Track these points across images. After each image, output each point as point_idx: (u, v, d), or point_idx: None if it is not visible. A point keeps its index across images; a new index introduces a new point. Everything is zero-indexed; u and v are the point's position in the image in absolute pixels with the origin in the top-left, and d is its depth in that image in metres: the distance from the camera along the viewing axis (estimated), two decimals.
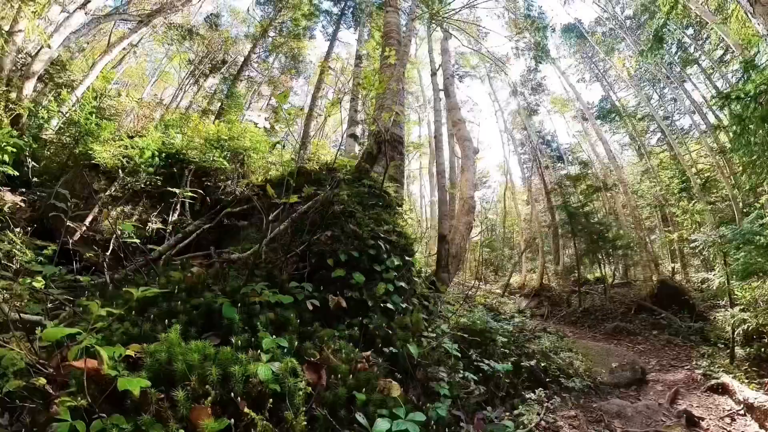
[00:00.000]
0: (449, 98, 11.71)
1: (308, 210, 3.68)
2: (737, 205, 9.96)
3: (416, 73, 21.59)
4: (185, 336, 2.10)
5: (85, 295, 2.70)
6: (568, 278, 14.37)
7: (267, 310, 2.61)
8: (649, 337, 8.08)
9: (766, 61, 4.01)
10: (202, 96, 16.70)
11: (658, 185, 15.60)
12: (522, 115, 22.36)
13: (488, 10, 15.28)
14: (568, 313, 10.84)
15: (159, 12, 10.70)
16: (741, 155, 4.48)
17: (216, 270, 3.16)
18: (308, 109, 15.09)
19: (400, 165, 6.50)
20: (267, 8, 16.55)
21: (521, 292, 15.39)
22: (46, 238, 3.54)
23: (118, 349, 1.67)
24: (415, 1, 10.67)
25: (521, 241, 23.34)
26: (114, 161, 4.53)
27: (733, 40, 8.09)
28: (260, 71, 17.38)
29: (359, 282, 3.23)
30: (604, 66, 21.35)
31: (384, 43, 8.34)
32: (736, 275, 5.34)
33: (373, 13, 14.88)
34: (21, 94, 6.32)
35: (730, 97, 4.35)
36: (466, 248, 9.83)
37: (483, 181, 29.46)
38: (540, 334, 6.45)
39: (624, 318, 9.50)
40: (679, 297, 9.34)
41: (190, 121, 6.48)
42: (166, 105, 15.36)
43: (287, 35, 16.61)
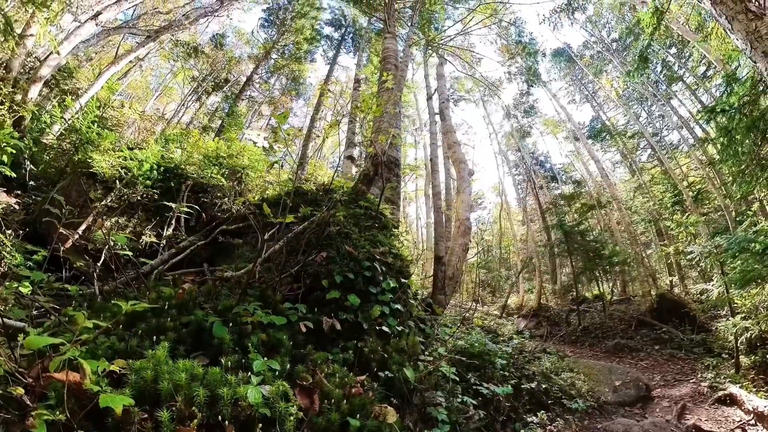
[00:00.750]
0: (445, 121, 12.02)
1: (304, 230, 3.67)
2: (730, 214, 10.10)
3: (413, 97, 22.16)
4: (173, 354, 2.03)
5: (72, 305, 2.63)
6: (567, 297, 14.26)
7: (259, 331, 2.54)
8: (651, 353, 7.94)
9: (747, 74, 4.18)
10: (203, 113, 17.03)
11: (651, 200, 15.86)
12: (515, 137, 22.86)
13: (482, 36, 15.94)
14: (567, 333, 10.68)
15: (167, 29, 11.04)
16: (730, 165, 4.60)
17: (208, 287, 3.10)
18: (307, 130, 15.32)
19: (397, 187, 6.56)
20: (270, 31, 17.17)
21: (519, 313, 15.18)
22: (38, 243, 3.46)
23: (102, 364, 1.61)
24: (413, 29, 11.11)
25: (518, 261, 23.26)
26: (112, 171, 4.52)
27: (715, 56, 8.48)
28: (261, 91, 17.79)
29: (354, 304, 3.19)
30: (593, 87, 22.16)
31: (382, 68, 8.63)
32: (735, 284, 5.36)
33: (372, 39, 15.47)
34: (26, 97, 6.37)
35: (715, 110, 4.51)
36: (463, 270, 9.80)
37: (478, 203, 29.66)
38: (540, 355, 6.34)
39: (625, 334, 9.38)
40: (679, 310, 9.27)
41: (190, 136, 6.54)
42: (167, 119, 15.55)
43: (289, 58, 17.16)
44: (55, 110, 5.81)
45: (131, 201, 4.41)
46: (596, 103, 21.98)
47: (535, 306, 14.63)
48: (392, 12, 11.00)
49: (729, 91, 4.41)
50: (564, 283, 15.48)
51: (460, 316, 8.63)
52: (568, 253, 12.47)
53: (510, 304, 16.67)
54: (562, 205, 15.64)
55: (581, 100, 23.22)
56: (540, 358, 5.96)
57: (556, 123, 24.79)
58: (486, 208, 31.80)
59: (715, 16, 3.53)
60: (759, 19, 3.14)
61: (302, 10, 15.94)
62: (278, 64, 17.29)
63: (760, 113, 3.81)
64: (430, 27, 13.48)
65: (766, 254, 4.43)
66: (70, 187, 4.31)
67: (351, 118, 13.02)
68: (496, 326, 10.40)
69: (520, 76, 16.35)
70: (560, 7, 11.35)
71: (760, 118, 3.79)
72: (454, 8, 14.29)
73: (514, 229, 26.68)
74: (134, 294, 2.89)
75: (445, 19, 14.50)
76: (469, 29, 14.41)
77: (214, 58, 15.80)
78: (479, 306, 17.56)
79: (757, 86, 4.01)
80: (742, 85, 4.20)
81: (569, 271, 13.81)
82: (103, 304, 2.64)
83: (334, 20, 17.74)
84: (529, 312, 14.21)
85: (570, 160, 25.34)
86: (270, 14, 16.83)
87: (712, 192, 12.25)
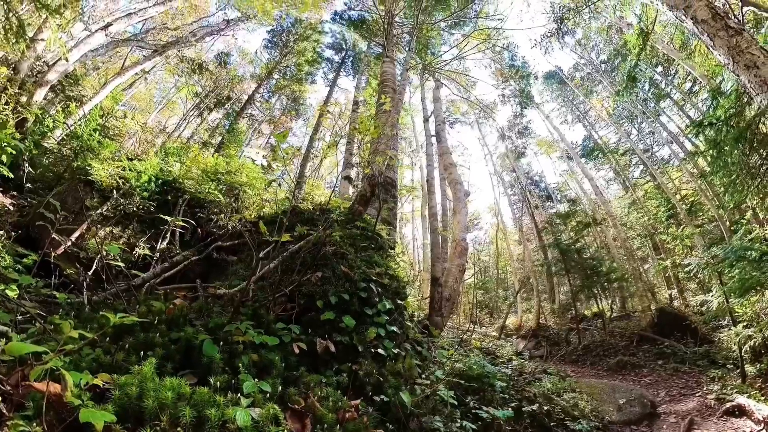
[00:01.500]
0: (441, 143, 12.23)
1: (300, 249, 3.64)
2: (724, 224, 10.16)
3: (410, 119, 22.60)
4: (160, 371, 1.94)
5: (59, 313, 2.54)
6: (566, 316, 14.10)
7: (250, 351, 2.47)
8: (654, 368, 7.79)
9: (731, 87, 4.33)
10: (204, 128, 17.24)
11: (645, 215, 15.97)
12: (510, 158, 23.23)
13: (476, 61, 16.52)
14: (568, 352, 10.49)
15: (174, 44, 11.35)
16: (720, 176, 4.67)
17: (200, 304, 3.04)
18: (305, 150, 15.49)
19: (393, 208, 6.59)
20: (273, 52, 17.66)
21: (518, 334, 14.95)
22: (29, 246, 3.40)
23: (85, 377, 1.53)
24: (410, 53, 11.49)
25: (515, 281, 23.14)
26: (110, 180, 4.51)
27: (699, 72, 8.81)
28: (262, 110, 18.12)
29: (349, 326, 3.13)
30: (584, 107, 22.81)
31: (380, 91, 8.86)
32: (734, 292, 5.37)
33: (371, 62, 15.96)
34: (31, 100, 6.42)
35: (703, 124, 4.63)
36: (460, 291, 9.71)
37: (475, 223, 29.79)
38: (540, 376, 6.20)
39: (626, 351, 9.23)
40: (680, 323, 9.20)
41: (190, 151, 6.58)
42: (168, 133, 15.73)
43: (290, 78, 17.62)
44: (59, 115, 5.86)
45: (127, 212, 4.37)
46: (588, 122, 22.57)
47: (533, 326, 14.44)
48: (391, 37, 11.42)
49: (715, 104, 4.56)
50: (562, 302, 15.36)
51: (457, 338, 8.49)
52: (565, 271, 12.44)
53: (508, 325, 16.44)
54: (558, 224, 15.72)
55: (573, 120, 23.84)
56: (541, 379, 5.82)
57: (550, 143, 25.30)
58: (482, 228, 31.96)
59: (698, 34, 3.70)
60: (739, 34, 3.29)
61: (305, 33, 16.51)
62: (279, 85, 17.72)
63: (746, 124, 3.94)
64: (426, 52, 13.97)
65: (763, 261, 4.47)
66: (66, 193, 4.28)
67: (349, 139, 13.23)
68: (495, 348, 10.22)
69: (513, 98, 16.78)
70: (551, 31, 11.81)
71: (746, 129, 3.91)
72: (450, 34, 14.88)
73: (511, 249, 26.67)
74: (124, 306, 2.82)
75: (441, 44, 15.07)
76: (464, 54, 14.95)
77: (217, 76, 16.16)
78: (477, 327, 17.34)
79: (742, 98, 4.15)
80: (727, 98, 4.35)
81: (567, 289, 13.72)
82: (91, 315, 2.57)
83: (335, 44, 18.32)
84: (528, 332, 14.01)
85: (564, 179, 25.70)
86: (273, 36, 17.37)
87: (705, 203, 12.38)
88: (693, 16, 3.69)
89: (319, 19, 16.86)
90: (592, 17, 10.58)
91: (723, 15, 3.48)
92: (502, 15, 13.75)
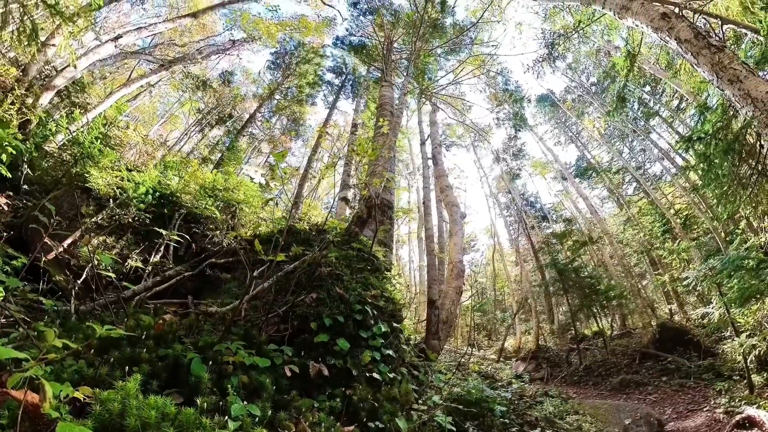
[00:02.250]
0: (437, 166, 12.43)
1: (295, 270, 3.61)
2: (719, 235, 10.21)
3: (407, 142, 23.03)
4: (145, 389, 1.86)
5: (45, 320, 2.45)
6: (565, 336, 13.88)
7: (240, 372, 2.39)
8: (659, 385, 7.62)
9: (717, 102, 4.51)
10: (204, 144, 17.41)
11: (641, 231, 16.07)
12: (505, 180, 23.55)
13: (471, 85, 17.09)
14: (569, 373, 10.25)
15: (180, 60, 11.67)
16: (712, 189, 4.73)
17: (190, 321, 2.96)
18: (303, 170, 15.64)
19: (390, 229, 6.60)
20: (276, 73, 18.15)
21: (517, 356, 14.62)
22: (20, 248, 3.30)
23: (66, 388, 1.45)
24: (408, 78, 11.86)
25: (513, 302, 22.89)
26: (107, 189, 4.47)
27: (686, 89, 9.13)
28: (263, 129, 18.41)
29: (343, 349, 3.05)
30: (576, 128, 23.41)
31: (378, 114, 9.07)
32: (734, 303, 5.39)
33: (370, 86, 16.44)
34: (37, 102, 6.47)
35: (692, 138, 4.74)
36: (457, 313, 9.59)
37: (471, 245, 29.74)
38: (542, 399, 6.03)
39: (629, 369, 9.07)
40: (682, 337, 9.10)
41: (189, 166, 6.59)
42: (169, 146, 15.85)
43: (291, 100, 18.05)
44: (62, 120, 5.86)
45: (122, 222, 4.32)
46: (580, 143, 23.10)
47: (533, 348, 14.16)
48: (389, 62, 11.83)
49: (703, 119, 4.72)
50: (562, 322, 15.15)
51: (455, 362, 8.32)
52: (563, 291, 12.34)
53: (507, 347, 16.14)
54: (555, 244, 15.75)
55: (566, 142, 24.41)
56: (542, 402, 5.67)
57: (544, 164, 25.75)
58: (479, 250, 31.91)
59: (682, 53, 3.87)
60: (721, 51, 3.44)
61: (307, 56, 17.06)
62: (281, 105, 18.11)
63: (734, 136, 4.05)
64: (424, 77, 14.44)
65: (760, 269, 4.49)
66: (62, 198, 4.24)
67: (347, 161, 13.39)
68: (494, 371, 9.99)
69: (507, 121, 17.24)
70: (542, 57, 12.34)
71: (734, 141, 4.02)
72: (446, 60, 15.44)
73: (508, 270, 26.55)
74: (111, 319, 2.73)
75: (438, 69, 15.59)
76: (459, 79, 15.47)
77: (220, 93, 16.49)
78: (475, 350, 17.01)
79: (728, 111, 4.28)
80: (713, 112, 4.50)
81: (566, 309, 13.57)
82: (77, 325, 2.49)
83: (335, 67, 18.89)
84: (528, 354, 13.72)
85: (559, 199, 25.98)
86: (277, 58, 17.89)
87: (699, 216, 12.50)
88: (676, 36, 3.87)
89: (321, 43, 17.50)
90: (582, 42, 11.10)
91: (705, 34, 3.66)
92: (495, 42, 14.39)
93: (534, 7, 11.29)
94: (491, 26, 13.77)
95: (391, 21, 14.00)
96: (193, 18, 11.37)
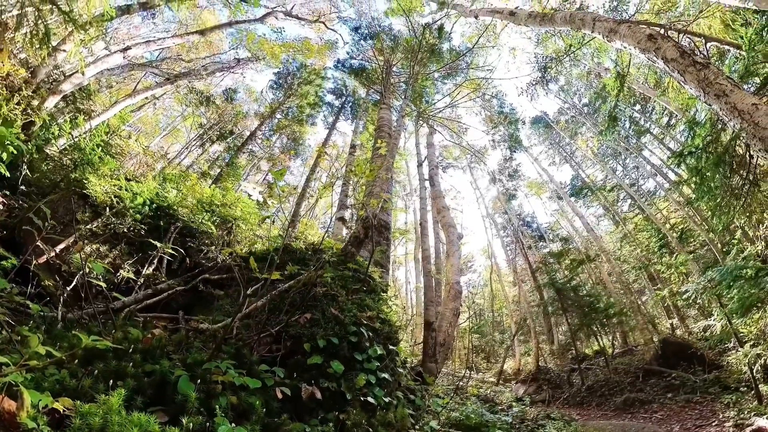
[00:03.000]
0: (434, 187, 12.57)
1: (289, 289, 3.57)
2: (716, 247, 10.20)
3: (404, 163, 23.33)
4: (129, 404, 1.80)
5: (29, 325, 2.37)
6: (566, 356, 13.60)
7: (229, 393, 2.32)
8: (665, 402, 7.42)
9: (705, 117, 4.66)
10: (204, 159, 17.59)
11: (638, 247, 16.07)
12: (502, 200, 23.77)
13: (468, 108, 17.56)
14: (571, 394, 9.96)
15: (186, 75, 11.97)
16: (706, 201, 4.78)
17: (180, 337, 2.89)
18: (301, 189, 15.70)
19: (386, 250, 6.60)
20: (278, 93, 18.58)
21: (517, 378, 14.25)
22: (11, 249, 3.22)
23: (45, 398, 1.40)
24: (406, 101, 12.22)
25: (511, 323, 22.54)
26: (104, 197, 4.43)
27: (674, 106, 9.41)
28: (262, 147, 18.65)
29: (337, 371, 2.99)
30: (570, 148, 23.91)
31: (376, 136, 9.27)
32: (736, 313, 5.36)
33: (369, 108, 16.87)
34: (42, 105, 6.51)
35: (683, 153, 4.85)
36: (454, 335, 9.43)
37: (468, 266, 29.60)
38: (544, 422, 5.85)
39: (633, 387, 8.80)
40: (685, 352, 8.94)
41: (188, 179, 6.60)
42: (169, 159, 15.96)
43: (292, 119, 18.37)
44: (66, 125, 5.85)
45: (117, 231, 4.26)
46: (575, 162, 23.54)
47: (533, 369, 13.84)
48: (388, 86, 12.22)
49: (692, 134, 4.84)
50: (562, 342, 14.89)
51: (453, 385, 8.12)
52: (562, 310, 12.20)
53: (506, 370, 15.76)
54: (552, 263, 15.72)
55: (561, 162, 24.89)
56: (544, 426, 5.50)
57: (540, 184, 26.10)
58: (476, 271, 31.73)
59: (669, 71, 4.03)
60: (706, 68, 3.59)
61: (309, 77, 17.54)
62: (281, 124, 18.44)
63: (723, 148, 4.15)
64: (421, 100, 14.88)
65: (759, 277, 4.48)
66: (59, 203, 4.20)
67: (345, 181, 13.51)
68: (493, 394, 9.73)
69: (503, 143, 17.63)
70: (535, 80, 12.84)
71: (724, 153, 4.12)
72: (443, 83, 15.96)
73: (506, 291, 26.30)
74: (99, 329, 2.65)
75: (435, 93, 16.10)
76: (456, 102, 15.93)
77: (223, 110, 16.80)
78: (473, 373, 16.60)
79: (716, 125, 4.39)
80: (702, 127, 4.61)
81: (566, 329, 13.38)
82: (63, 332, 2.42)
83: (336, 89, 19.41)
84: (528, 376, 13.39)
85: (555, 219, 26.14)
86: (279, 78, 18.36)
87: (695, 229, 12.54)
88: (663, 56, 4.05)
89: (322, 65, 18.05)
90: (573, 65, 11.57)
91: (690, 52, 3.83)
92: (490, 66, 14.91)
93: (527, 32, 11.84)
94: (486, 51, 14.33)
95: (390, 46, 14.57)
96: (201, 35, 11.74)
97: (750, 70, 4.06)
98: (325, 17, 14.82)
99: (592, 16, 5.80)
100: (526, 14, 8.24)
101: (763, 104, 2.99)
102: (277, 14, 13.00)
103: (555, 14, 7.06)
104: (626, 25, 4.94)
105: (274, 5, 13.03)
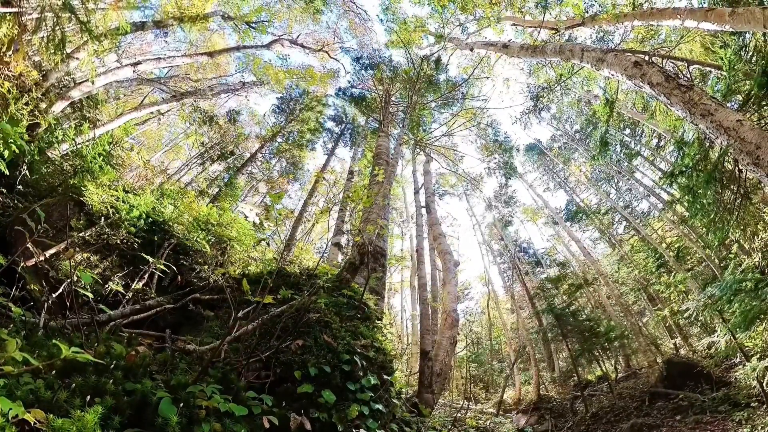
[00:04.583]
0: (430, 214, 12.70)
1: (282, 314, 3.50)
2: (714, 262, 10.15)
3: (401, 190, 23.61)
4: (105, 423, 1.70)
5: (9, 328, 2.27)
6: (568, 383, 13.15)
7: (213, 419, 2.22)
8: (674, 425, 7.06)
9: (693, 136, 4.81)
10: (204, 177, 17.67)
11: (635, 269, 15.90)
12: (498, 227, 23.90)
13: (463, 137, 18.08)
14: (575, 423, 9.51)
15: (192, 94, 12.31)
16: (700, 218, 4.84)
17: (165, 357, 2.79)
18: (298, 213, 15.77)
19: (382, 277, 6.56)
20: (280, 117, 19.16)
21: (518, 408, 13.67)
22: (1, 249, 3.14)
23: (16, 408, 1.32)
24: (404, 129, 12.59)
25: (510, 351, 21.93)
26: (101, 207, 4.39)
27: (662, 128, 9.73)
28: (262, 170, 18.90)
29: (329, 401, 2.89)
30: (564, 174, 24.40)
31: (374, 163, 9.48)
32: (739, 327, 5.29)
33: (367, 135, 17.35)
34: (50, 109, 6.58)
35: (674, 173, 4.96)
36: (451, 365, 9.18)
37: (465, 293, 29.19)
38: None
39: (639, 412, 8.39)
40: (691, 371, 8.63)
41: (185, 196, 6.61)
42: (169, 175, 16.01)
43: (292, 143, 18.79)
44: (70, 131, 5.90)
45: (110, 242, 4.19)
46: (569, 187, 23.94)
47: (534, 398, 13.32)
48: (387, 114, 12.65)
49: (682, 154, 5.00)
50: (563, 369, 14.46)
51: (450, 417, 7.80)
52: (562, 336, 11.94)
53: (506, 399, 15.15)
54: (550, 289, 15.58)
55: (555, 187, 25.35)
56: None
57: (535, 210, 26.37)
58: (473, 298, 31.21)
59: (655, 95, 4.25)
60: (690, 89, 3.79)
61: (310, 104, 18.13)
62: (281, 148, 18.81)
63: (713, 165, 4.26)
64: (418, 128, 15.34)
65: (759, 289, 4.45)
66: (54, 207, 4.14)
67: (342, 207, 13.58)
68: (493, 426, 9.34)
69: (498, 170, 18.03)
70: (528, 109, 13.37)
71: (714, 170, 4.23)
72: (440, 113, 16.55)
73: (504, 318, 25.80)
74: (81, 341, 2.54)
75: (432, 122, 16.65)
76: (452, 131, 16.44)
77: (225, 130, 17.15)
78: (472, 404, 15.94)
79: (704, 143, 4.53)
80: (691, 146, 4.77)
81: (566, 355, 13.03)
82: (43, 340, 2.31)
83: (336, 116, 20.03)
84: (529, 405, 12.86)
85: (552, 244, 26.20)
86: (282, 103, 19.00)
87: (691, 247, 12.52)
88: (649, 81, 4.29)
89: (324, 92, 18.63)
90: (564, 93, 12.11)
91: (674, 76, 4.06)
92: (485, 96, 15.54)
93: (519, 64, 12.46)
94: (481, 82, 14.98)
95: (389, 76, 15.21)
96: (209, 57, 12.21)
97: (732, 88, 4.29)
98: (329, 47, 15.51)
99: (580, 47, 6.16)
100: (518, 47, 8.72)
101: (747, 120, 3.15)
102: (284, 42, 13.61)
103: (545, 46, 7.48)
104: (613, 53, 5.24)
105: (281, 33, 13.61)
